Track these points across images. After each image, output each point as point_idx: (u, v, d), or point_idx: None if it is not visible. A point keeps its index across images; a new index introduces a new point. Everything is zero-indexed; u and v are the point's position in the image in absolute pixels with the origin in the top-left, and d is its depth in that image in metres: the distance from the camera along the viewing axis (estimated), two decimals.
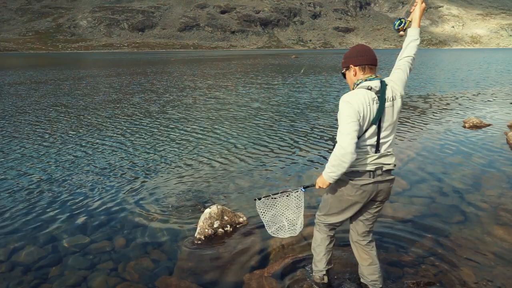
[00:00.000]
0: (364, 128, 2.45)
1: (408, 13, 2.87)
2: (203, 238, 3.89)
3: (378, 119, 2.45)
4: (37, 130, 9.30)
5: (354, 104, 2.39)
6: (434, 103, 12.98)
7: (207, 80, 23.58)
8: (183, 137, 8.42)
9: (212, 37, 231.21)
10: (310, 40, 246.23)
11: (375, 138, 2.50)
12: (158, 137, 8.49)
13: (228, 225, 4.09)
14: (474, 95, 14.94)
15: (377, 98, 2.45)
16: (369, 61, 2.54)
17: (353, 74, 2.58)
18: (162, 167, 6.32)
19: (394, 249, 3.61)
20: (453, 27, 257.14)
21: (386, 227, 4.03)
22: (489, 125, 9.06)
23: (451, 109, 11.66)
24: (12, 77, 26.74)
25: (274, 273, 3.29)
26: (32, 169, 6.29)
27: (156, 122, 10.17)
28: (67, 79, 24.90)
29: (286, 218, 2.92)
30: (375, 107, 2.44)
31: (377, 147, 2.51)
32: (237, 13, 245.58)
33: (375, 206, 2.73)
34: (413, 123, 9.54)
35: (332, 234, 2.94)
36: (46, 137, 8.55)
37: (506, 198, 4.77)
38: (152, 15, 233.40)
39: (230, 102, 13.87)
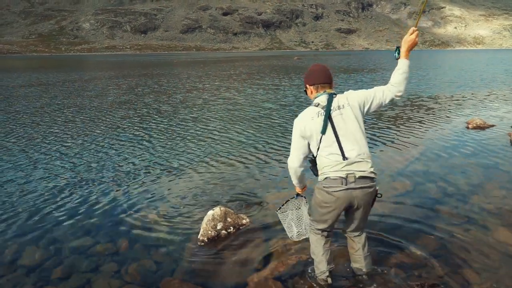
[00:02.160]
0: (317, 139, 2.70)
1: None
2: (206, 240, 3.89)
3: (325, 129, 2.66)
4: (48, 132, 9.32)
5: (299, 123, 2.78)
6: (437, 103, 12.94)
7: (214, 81, 23.67)
8: (190, 138, 8.42)
9: (215, 39, 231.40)
10: (312, 42, 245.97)
11: (336, 146, 2.67)
12: (165, 138, 8.49)
13: (231, 227, 4.08)
14: (477, 96, 14.89)
15: (322, 111, 2.70)
16: (320, 80, 2.82)
17: (310, 92, 2.90)
18: (166, 169, 6.32)
19: (398, 250, 3.59)
20: (455, 28, 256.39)
21: (389, 228, 4.01)
22: (492, 126, 9.03)
23: (454, 110, 11.63)
24: (19, 80, 26.83)
25: (277, 275, 3.28)
26: (40, 170, 6.30)
27: (166, 124, 10.17)
28: (75, 81, 25.03)
29: (293, 222, 3.29)
30: (320, 119, 2.69)
31: (342, 154, 2.65)
32: (239, 15, 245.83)
33: (354, 213, 2.86)
34: (417, 124, 9.51)
35: (326, 235, 3.02)
36: (54, 138, 8.57)
37: (510, 199, 4.75)
38: (155, 17, 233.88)
39: (239, 103, 13.95)
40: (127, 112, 12.28)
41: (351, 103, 2.72)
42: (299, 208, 3.28)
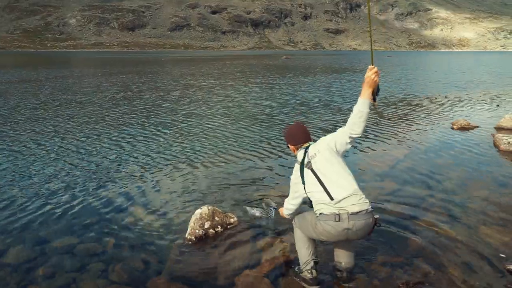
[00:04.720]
0: (304, 188, 3.06)
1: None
2: (194, 239, 3.88)
3: (303, 180, 3.05)
4: (44, 128, 9.17)
5: (292, 178, 3.25)
6: (423, 104, 13.13)
7: (208, 79, 23.65)
8: (184, 136, 8.36)
9: (203, 37, 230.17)
10: (301, 41, 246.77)
11: (321, 190, 2.91)
12: (160, 136, 8.39)
13: (219, 226, 4.08)
14: (462, 97, 15.14)
15: (300, 166, 3.09)
16: (299, 141, 3.19)
17: (292, 150, 3.28)
18: (153, 167, 6.28)
19: (383, 249, 3.64)
20: (441, 30, 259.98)
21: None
22: (476, 127, 9.19)
23: (439, 111, 11.80)
24: (10, 75, 26.29)
25: (265, 273, 3.30)
26: (29, 167, 6.18)
27: (161, 122, 10.06)
28: (68, 77, 24.70)
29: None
30: (299, 172, 3.11)
31: (329, 195, 2.87)
32: (228, 13, 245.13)
33: (349, 241, 3.05)
34: (402, 125, 9.63)
35: None
36: (48, 134, 8.43)
37: (492, 199, 4.85)
38: (143, 15, 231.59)
39: (236, 100, 14.03)
40: (124, 109, 12.13)
41: (320, 150, 2.99)
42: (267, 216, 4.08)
